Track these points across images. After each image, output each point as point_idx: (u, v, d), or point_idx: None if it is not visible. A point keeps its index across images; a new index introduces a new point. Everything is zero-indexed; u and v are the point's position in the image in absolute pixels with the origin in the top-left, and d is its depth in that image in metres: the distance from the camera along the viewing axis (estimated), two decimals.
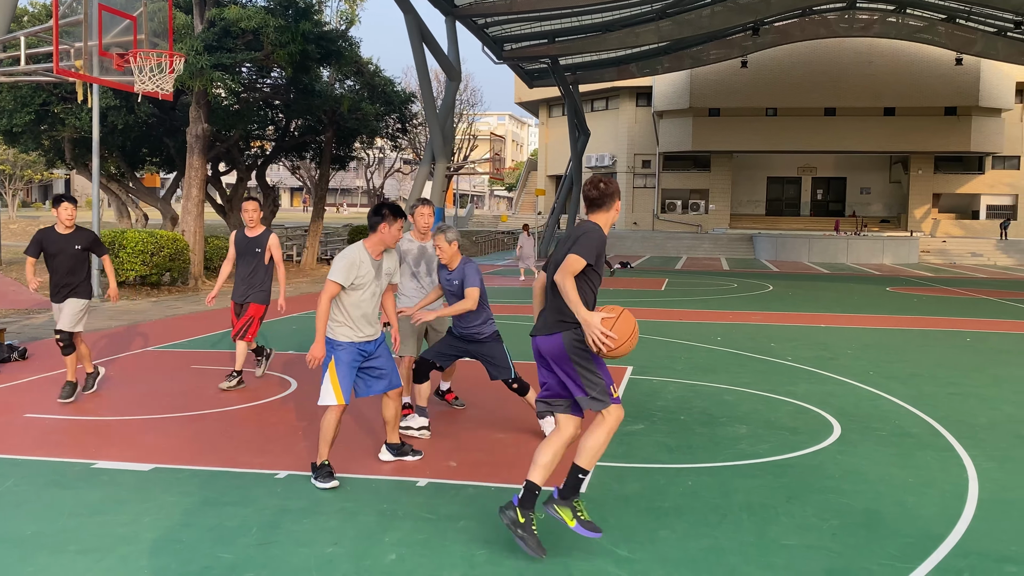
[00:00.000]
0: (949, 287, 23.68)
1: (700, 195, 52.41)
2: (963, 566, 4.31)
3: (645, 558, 4.33)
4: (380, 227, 5.43)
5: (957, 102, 44.87)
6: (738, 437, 6.74)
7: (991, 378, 9.54)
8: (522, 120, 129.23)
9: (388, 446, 5.93)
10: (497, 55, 30.61)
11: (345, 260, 5.35)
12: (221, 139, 23.82)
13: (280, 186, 77.88)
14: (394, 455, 5.91)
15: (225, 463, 5.86)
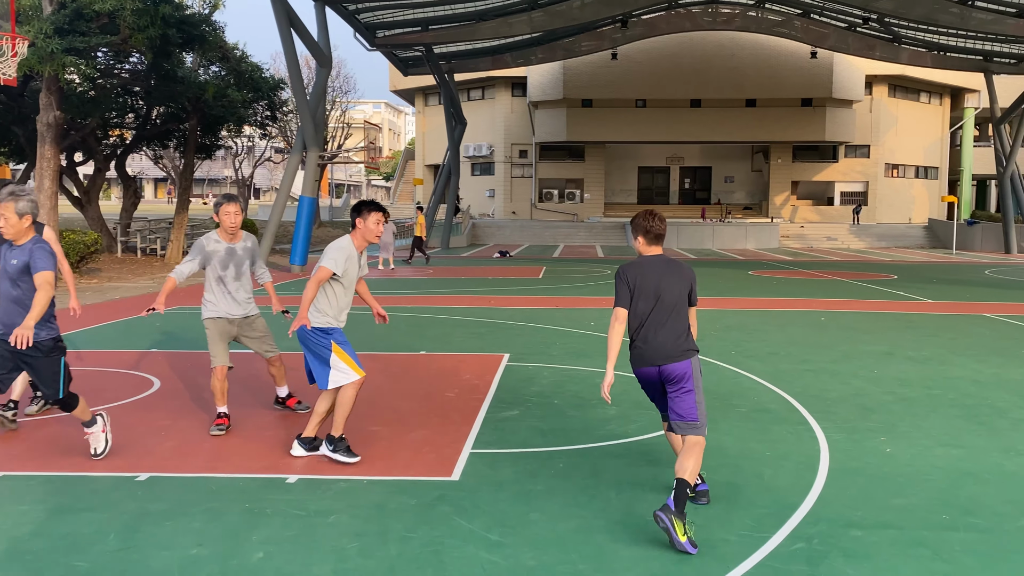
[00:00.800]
0: (806, 270, 24.98)
1: (575, 184, 53.32)
2: (814, 532, 4.56)
3: (516, 542, 4.39)
4: (357, 222, 5.73)
5: (812, 94, 47.23)
6: (608, 418, 6.92)
7: (842, 354, 10.13)
8: (398, 108, 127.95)
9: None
10: (370, 42, 30.19)
11: (340, 250, 5.61)
12: (76, 127, 22.57)
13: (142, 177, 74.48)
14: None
15: (80, 468, 5.58)
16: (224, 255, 6.47)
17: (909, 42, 36.08)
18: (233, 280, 6.51)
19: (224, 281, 6.48)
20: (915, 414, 7.22)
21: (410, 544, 4.35)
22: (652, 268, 4.80)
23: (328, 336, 5.62)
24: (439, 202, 38.05)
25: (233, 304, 6.55)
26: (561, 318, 13.22)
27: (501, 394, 7.84)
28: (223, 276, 6.47)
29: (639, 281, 4.78)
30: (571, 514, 4.79)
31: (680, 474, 4.46)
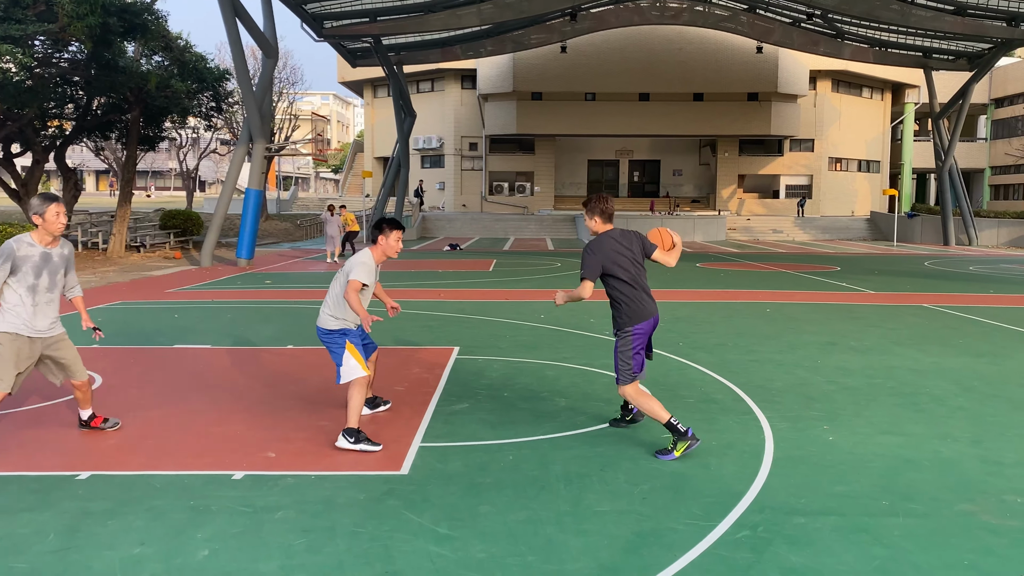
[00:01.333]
0: (752, 262, 25.37)
1: (526, 177, 53.40)
2: (759, 520, 4.65)
3: (465, 534, 4.39)
4: (379, 239, 6.20)
5: (758, 88, 47.91)
6: (558, 410, 6.96)
7: (786, 345, 10.31)
8: (347, 100, 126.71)
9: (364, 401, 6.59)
10: (317, 33, 29.81)
11: (365, 265, 6.09)
12: (13, 118, 21.91)
13: (83, 169, 72.71)
14: (370, 408, 6.84)
15: (18, 467, 5.44)
16: (39, 261, 5.68)
17: (852, 38, 36.80)
18: (46, 291, 5.76)
19: (35, 291, 5.69)
20: (857, 403, 7.38)
21: (359, 539, 4.32)
22: (622, 239, 5.92)
23: (344, 336, 6.06)
24: (388, 194, 37.78)
25: (41, 319, 5.77)
26: (511, 311, 13.24)
27: (451, 387, 7.82)
28: (35, 285, 5.68)
29: (618, 249, 5.84)
30: (520, 506, 4.81)
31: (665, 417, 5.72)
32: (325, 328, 6.12)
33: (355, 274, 6.02)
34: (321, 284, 17.41)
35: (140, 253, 25.85)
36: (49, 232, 5.72)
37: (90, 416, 6.31)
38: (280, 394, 7.52)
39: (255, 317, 12.42)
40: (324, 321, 6.14)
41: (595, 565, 4.05)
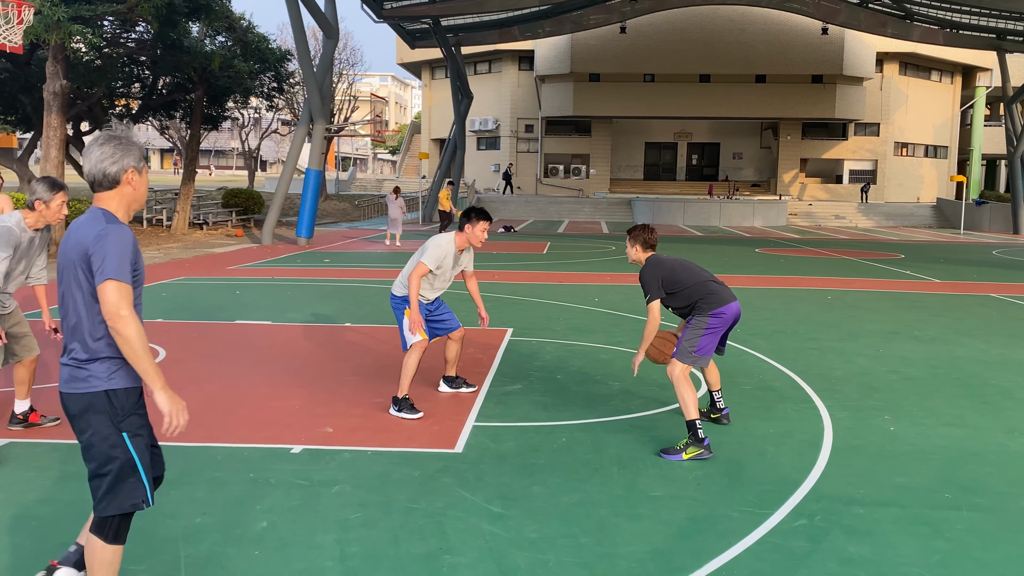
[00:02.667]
0: (814, 248, 24.89)
1: (581, 160, 53.09)
2: (816, 509, 4.58)
3: (518, 514, 4.41)
4: (466, 227, 6.38)
5: (823, 70, 46.82)
6: (611, 394, 6.93)
7: (847, 333, 10.11)
8: (405, 82, 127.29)
9: (445, 379, 7.00)
10: (377, 13, 29.95)
11: (439, 247, 6.29)
12: (82, 97, 22.49)
13: (148, 147, 74.36)
14: (450, 387, 6.95)
15: None
16: (25, 247, 5.47)
17: (921, 19, 35.69)
18: (20, 274, 5.55)
19: (10, 277, 5.46)
20: (919, 393, 7.21)
21: (413, 515, 4.37)
22: (667, 257, 5.87)
23: (406, 304, 6.34)
24: (444, 176, 37.94)
25: (8, 297, 5.60)
26: (565, 293, 13.21)
27: (504, 368, 7.85)
28: (12, 271, 5.45)
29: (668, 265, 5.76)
30: (573, 488, 4.81)
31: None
32: (395, 295, 6.49)
33: (425, 257, 6.26)
34: (378, 264, 17.58)
35: (203, 230, 26.40)
36: (47, 220, 5.44)
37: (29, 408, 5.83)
38: (337, 370, 7.62)
39: (314, 295, 12.60)
40: (396, 288, 6.50)
41: (648, 549, 4.03)
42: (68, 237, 3.06)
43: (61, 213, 5.43)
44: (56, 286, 5.46)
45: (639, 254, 5.89)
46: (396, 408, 6.23)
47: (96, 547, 3.06)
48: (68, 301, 3.05)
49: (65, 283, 3.07)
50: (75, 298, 3.02)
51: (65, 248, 3.06)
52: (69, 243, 3.03)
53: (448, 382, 7.01)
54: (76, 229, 3.02)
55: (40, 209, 5.34)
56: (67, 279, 3.05)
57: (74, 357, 3.02)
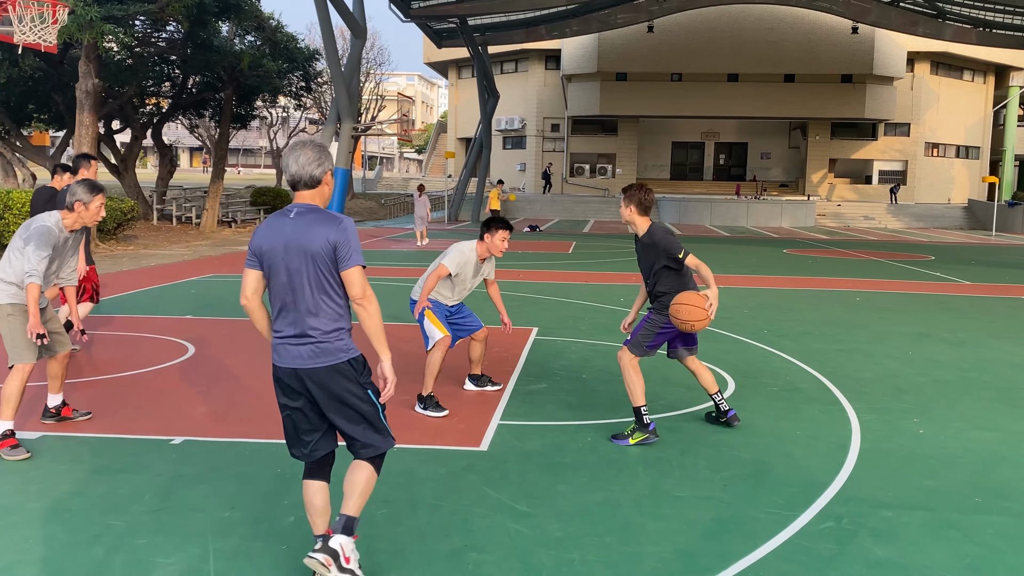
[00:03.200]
0: (842, 249, 24.67)
1: (607, 159, 52.96)
2: (843, 512, 4.54)
3: (543, 512, 4.42)
4: (485, 236, 6.47)
5: (853, 70, 46.37)
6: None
7: (876, 335, 10.02)
8: (432, 81, 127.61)
9: (471, 377, 7.06)
10: (404, 13, 30.07)
11: (461, 254, 6.44)
12: (114, 95, 22.80)
13: (178, 145, 75.12)
14: (476, 385, 6.99)
15: (117, 430, 5.69)
16: (60, 247, 5.51)
17: (954, 18, 35.23)
18: (52, 274, 5.57)
19: (48, 274, 5.50)
20: (949, 396, 7.13)
21: (439, 512, 4.39)
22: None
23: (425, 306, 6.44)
24: (470, 175, 38.02)
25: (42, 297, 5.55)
26: (590, 293, 13.19)
27: (529, 367, 7.86)
28: (50, 268, 5.50)
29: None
30: (598, 487, 4.81)
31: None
32: (414, 299, 6.64)
33: (446, 260, 6.43)
34: (404, 263, 17.65)
35: (231, 228, 26.64)
36: (84, 222, 5.50)
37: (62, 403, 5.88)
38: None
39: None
40: (415, 292, 6.65)
41: (672, 549, 4.02)
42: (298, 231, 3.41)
43: (99, 215, 5.51)
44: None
45: (633, 215, 5.76)
46: (422, 406, 6.34)
47: (366, 476, 3.64)
48: (298, 288, 3.42)
49: (292, 274, 3.42)
50: (310, 286, 3.42)
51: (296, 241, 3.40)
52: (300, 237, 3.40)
53: (474, 380, 7.06)
54: (308, 226, 3.41)
55: (79, 211, 5.41)
56: (295, 270, 3.41)
57: (311, 337, 3.44)
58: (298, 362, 3.46)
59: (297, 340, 3.46)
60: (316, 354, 3.45)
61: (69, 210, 5.42)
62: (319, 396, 3.49)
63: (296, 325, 3.46)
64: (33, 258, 5.19)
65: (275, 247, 3.45)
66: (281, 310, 3.49)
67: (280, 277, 3.45)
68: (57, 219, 5.42)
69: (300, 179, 3.48)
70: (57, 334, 5.70)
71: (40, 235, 5.26)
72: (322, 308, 3.44)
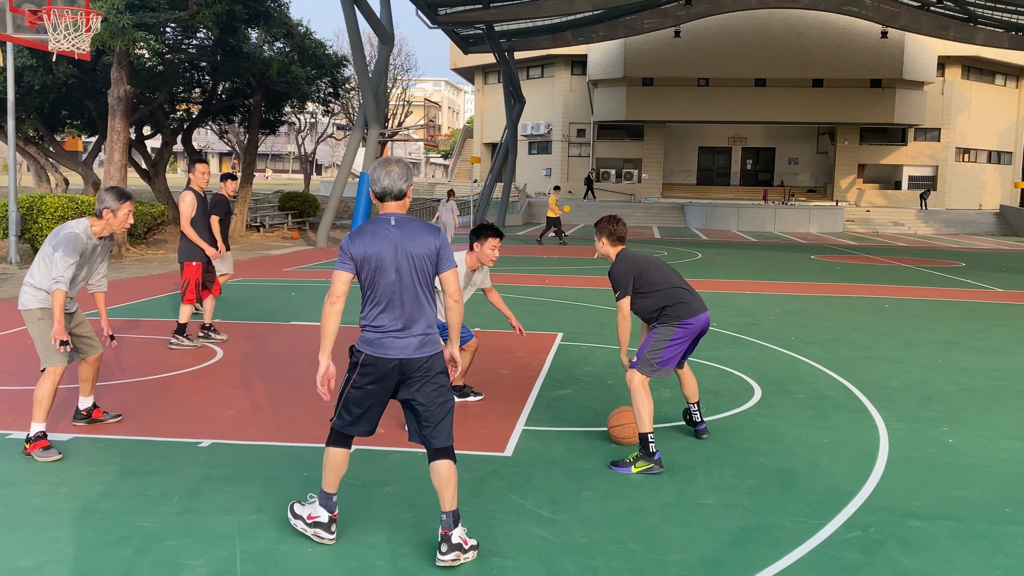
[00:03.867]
0: (871, 255, 24.43)
1: (633, 164, 52.84)
2: (870, 521, 4.50)
3: (567, 519, 4.42)
4: (474, 245, 6.31)
5: (882, 74, 45.94)
6: (662, 401, 6.89)
7: (905, 342, 9.91)
8: (458, 87, 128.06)
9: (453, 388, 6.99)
10: (431, 19, 30.21)
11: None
12: (145, 101, 23.09)
13: (207, 151, 75.96)
14: (458, 396, 6.75)
15: (147, 432, 5.76)
16: (88, 254, 5.57)
17: (985, 22, 34.78)
18: (81, 280, 5.63)
19: (74, 282, 5.54)
20: (979, 405, 7.04)
21: (463, 516, 4.40)
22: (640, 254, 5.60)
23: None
24: (496, 180, 38.07)
25: (70, 300, 5.64)
26: None
27: (554, 373, 7.86)
28: (76, 276, 5.53)
29: (643, 263, 5.50)
30: (623, 494, 4.80)
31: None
32: None
33: None
34: None
35: (260, 233, 26.88)
36: (113, 229, 5.57)
37: (92, 406, 5.97)
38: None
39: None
40: None
41: (698, 557, 4.00)
42: (405, 239, 3.88)
43: (127, 222, 5.57)
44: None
45: (607, 248, 5.52)
46: (458, 395, 6.72)
47: (450, 467, 3.94)
48: (407, 289, 3.88)
49: (401, 274, 3.87)
50: (420, 287, 3.90)
51: (405, 246, 3.87)
52: (408, 242, 3.87)
53: (455, 391, 6.74)
54: (412, 233, 3.90)
55: (107, 218, 5.48)
56: (406, 273, 3.87)
57: (419, 331, 3.90)
58: (405, 352, 3.86)
59: (403, 333, 3.87)
60: (421, 345, 3.89)
61: (98, 217, 5.49)
62: (416, 382, 3.90)
63: (402, 320, 3.87)
64: (60, 264, 5.26)
65: (383, 251, 3.84)
66: (387, 307, 3.87)
67: (389, 277, 3.85)
68: (86, 226, 5.48)
69: (390, 192, 3.91)
70: (87, 338, 5.77)
71: (68, 242, 5.32)
72: (426, 305, 3.92)
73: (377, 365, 3.87)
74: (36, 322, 5.40)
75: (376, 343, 3.87)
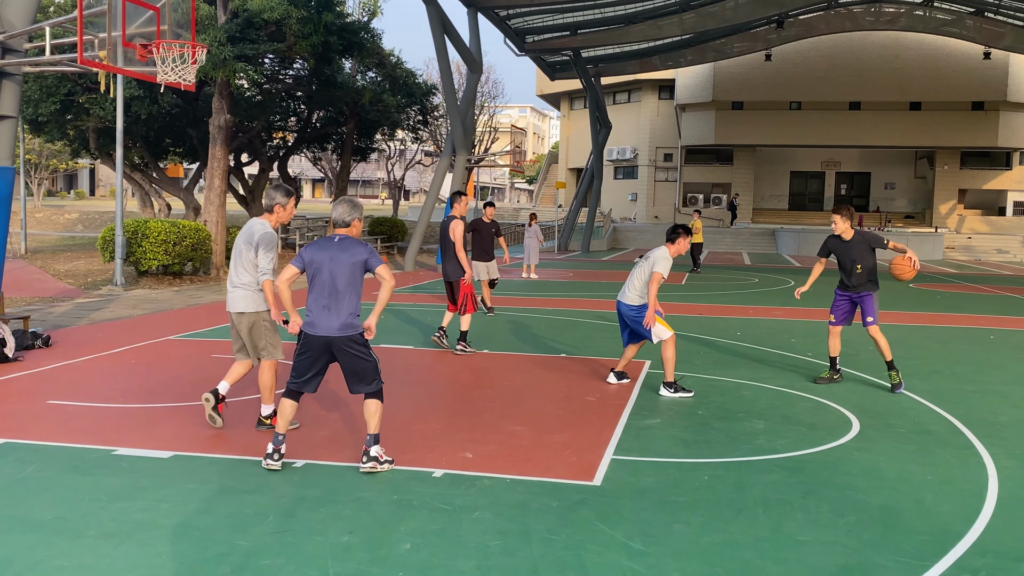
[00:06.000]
0: (973, 284, 23.43)
1: (722, 189, 52.09)
2: (980, 565, 4.27)
3: (659, 552, 4.33)
4: (677, 240, 7.94)
5: (985, 96, 44.26)
6: (755, 432, 6.72)
7: (1013, 375, 9.44)
8: (543, 112, 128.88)
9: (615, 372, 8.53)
10: (519, 47, 30.54)
11: (668, 261, 7.82)
12: (244, 130, 23.97)
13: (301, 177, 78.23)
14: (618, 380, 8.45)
15: (243, 451, 5.91)
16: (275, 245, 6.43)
17: None
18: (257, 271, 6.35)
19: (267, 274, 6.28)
20: None
21: (552, 546, 4.36)
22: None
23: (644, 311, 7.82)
24: (580, 205, 38.05)
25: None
26: (705, 326, 12.94)
27: (642, 401, 7.75)
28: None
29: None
30: (716, 528, 4.68)
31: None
32: (631, 304, 7.91)
33: (659, 267, 7.70)
34: (514, 292, 17.75)
35: None
36: (281, 221, 6.37)
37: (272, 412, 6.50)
38: (476, 397, 7.74)
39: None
40: (631, 299, 7.92)
41: None
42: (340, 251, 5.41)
43: (292, 213, 6.45)
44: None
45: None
46: (671, 390, 7.87)
47: (376, 404, 5.49)
48: (335, 286, 5.37)
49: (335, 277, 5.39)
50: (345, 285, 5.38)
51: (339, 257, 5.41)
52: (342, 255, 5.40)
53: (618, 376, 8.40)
54: (348, 247, 5.43)
55: (278, 212, 6.29)
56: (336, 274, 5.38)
57: (343, 316, 5.37)
58: (330, 332, 5.35)
59: (329, 317, 5.36)
60: (344, 327, 5.36)
61: (269, 212, 6.27)
62: (342, 353, 5.38)
63: (329, 307, 5.36)
64: (263, 260, 6.13)
65: (322, 258, 5.41)
66: (318, 297, 5.39)
67: (323, 276, 5.39)
68: (264, 223, 6.28)
69: (337, 222, 5.55)
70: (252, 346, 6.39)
71: (267, 240, 6.17)
72: (348, 299, 5.37)
73: (311, 340, 5.37)
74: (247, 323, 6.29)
75: (309, 324, 5.39)
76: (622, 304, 8.02)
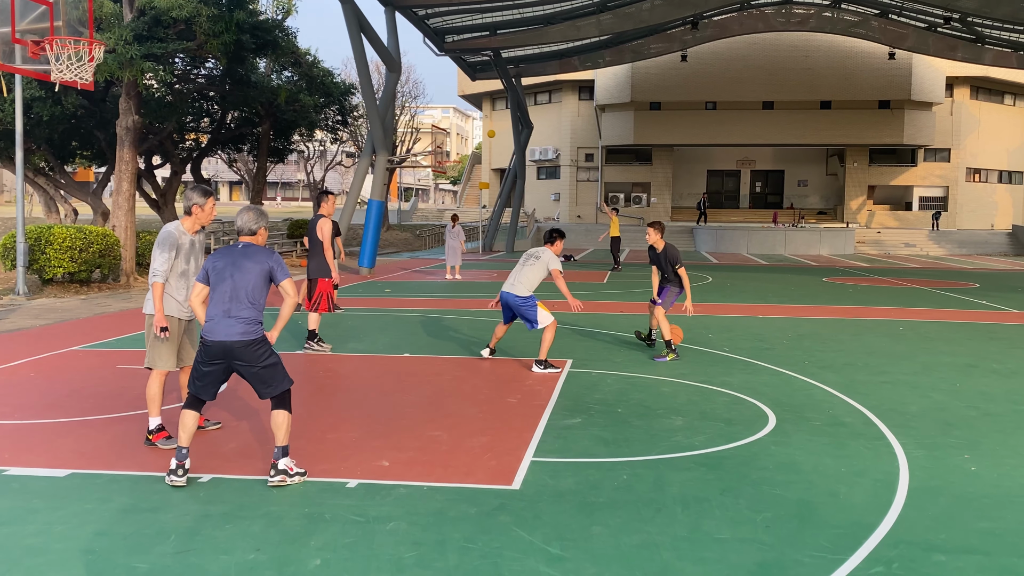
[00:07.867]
0: (883, 277, 24.21)
1: (642, 188, 52.81)
2: (893, 556, 4.32)
3: (577, 556, 4.25)
4: (556, 243, 9.37)
5: (890, 96, 45.90)
6: (674, 429, 6.72)
7: (921, 366, 9.71)
8: (466, 113, 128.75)
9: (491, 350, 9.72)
10: (439, 47, 30.34)
11: (557, 259, 9.24)
12: (154, 131, 23.18)
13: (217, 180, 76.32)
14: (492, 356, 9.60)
15: (147, 467, 5.63)
16: (188, 248, 6.10)
17: (993, 42, 34.73)
18: (191, 275, 6.13)
19: (187, 276, 6.10)
20: (1001, 431, 6.84)
21: (469, 555, 4.24)
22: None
23: (533, 298, 9.00)
24: (504, 205, 38.06)
25: (184, 305, 6.15)
26: (625, 324, 13.01)
27: (563, 401, 7.70)
28: (186, 271, 6.09)
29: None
30: (635, 529, 4.63)
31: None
32: (520, 295, 8.92)
33: (555, 264, 9.00)
34: (438, 294, 17.59)
35: None
36: (200, 223, 6.14)
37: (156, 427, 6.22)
38: (395, 402, 7.56)
39: (374, 325, 12.64)
40: (519, 290, 8.93)
41: None
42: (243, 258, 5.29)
43: (213, 214, 6.20)
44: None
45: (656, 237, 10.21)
46: (542, 367, 8.85)
47: (284, 416, 5.33)
48: (235, 291, 5.22)
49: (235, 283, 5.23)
50: (245, 292, 5.22)
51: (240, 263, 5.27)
52: (245, 261, 5.27)
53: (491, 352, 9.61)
54: (251, 254, 5.30)
55: (196, 213, 6.05)
56: (236, 280, 5.23)
57: (240, 322, 5.20)
58: (229, 336, 5.18)
59: (228, 322, 5.19)
60: (244, 332, 5.20)
61: (188, 214, 6.04)
62: (241, 359, 5.21)
63: (228, 313, 5.20)
64: (157, 260, 5.87)
65: (224, 265, 5.27)
66: (218, 302, 5.22)
67: (224, 281, 5.24)
68: (177, 224, 6.04)
69: (242, 230, 5.42)
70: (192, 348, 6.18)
71: (161, 239, 5.91)
72: (247, 305, 5.22)
73: (210, 345, 5.19)
74: (148, 327, 6.02)
75: (208, 329, 5.21)
76: (510, 295, 9.00)
